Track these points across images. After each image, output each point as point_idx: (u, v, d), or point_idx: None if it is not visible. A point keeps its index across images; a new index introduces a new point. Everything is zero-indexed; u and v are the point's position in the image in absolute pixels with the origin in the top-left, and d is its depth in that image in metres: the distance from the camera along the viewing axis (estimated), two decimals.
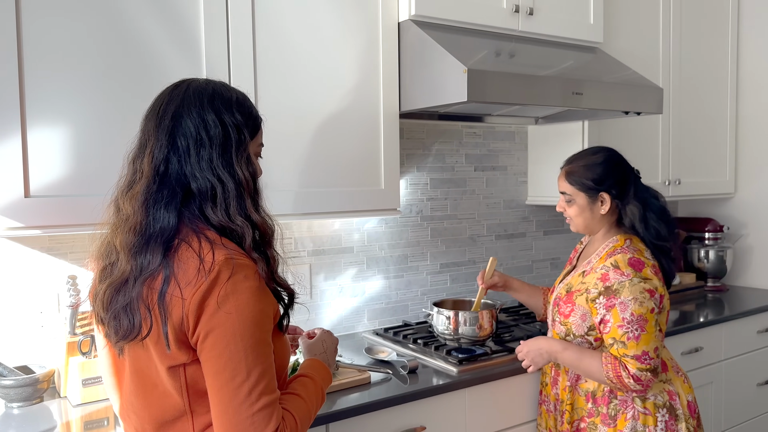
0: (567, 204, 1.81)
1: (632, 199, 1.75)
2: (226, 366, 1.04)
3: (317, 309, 2.28)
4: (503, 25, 2.17)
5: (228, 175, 1.11)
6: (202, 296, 1.04)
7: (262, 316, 1.08)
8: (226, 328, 1.04)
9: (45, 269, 1.79)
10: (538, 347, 1.78)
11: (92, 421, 1.55)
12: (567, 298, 1.77)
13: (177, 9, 1.66)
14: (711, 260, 3.14)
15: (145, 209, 1.09)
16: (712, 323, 2.57)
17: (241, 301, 1.05)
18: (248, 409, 1.03)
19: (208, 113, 1.12)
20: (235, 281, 1.05)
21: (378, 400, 1.68)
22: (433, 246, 2.55)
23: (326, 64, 1.90)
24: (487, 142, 2.68)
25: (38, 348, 1.79)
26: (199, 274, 1.05)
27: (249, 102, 1.21)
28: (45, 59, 1.49)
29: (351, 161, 1.96)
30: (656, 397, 1.70)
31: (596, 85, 2.12)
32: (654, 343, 1.63)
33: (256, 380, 1.05)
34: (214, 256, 1.06)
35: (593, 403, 1.73)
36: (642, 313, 1.62)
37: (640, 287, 1.63)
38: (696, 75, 2.99)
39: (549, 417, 1.85)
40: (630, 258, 1.68)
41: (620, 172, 1.76)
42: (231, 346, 1.04)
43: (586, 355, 1.69)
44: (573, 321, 1.74)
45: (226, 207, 1.11)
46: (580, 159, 1.81)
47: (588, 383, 1.74)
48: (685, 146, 2.95)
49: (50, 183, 1.51)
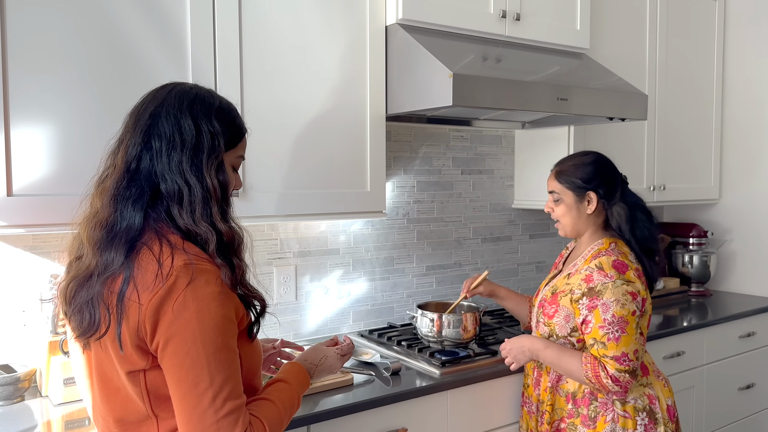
0: (555, 204, 1.83)
1: (619, 201, 1.78)
2: (188, 373, 1.03)
3: (302, 310, 2.29)
4: (490, 30, 2.18)
5: (196, 179, 1.11)
6: (159, 302, 1.04)
7: (224, 322, 1.07)
8: (186, 335, 1.03)
9: (28, 268, 1.79)
10: (520, 345, 1.81)
11: (73, 421, 1.55)
12: (552, 299, 1.80)
13: (164, 10, 1.66)
14: (695, 265, 3.17)
15: (114, 204, 1.10)
16: (694, 328, 2.60)
17: (201, 307, 1.04)
18: (213, 416, 1.03)
19: (185, 117, 1.12)
20: (194, 287, 1.05)
21: (360, 401, 1.68)
22: (419, 248, 2.56)
23: (313, 66, 1.91)
24: (474, 146, 2.70)
25: (20, 347, 1.78)
26: (157, 279, 1.05)
27: (233, 113, 1.21)
28: (29, 58, 1.49)
29: (337, 163, 1.97)
30: (636, 401, 1.72)
31: (582, 91, 2.14)
32: (634, 345, 1.65)
33: (219, 386, 1.04)
34: (173, 262, 1.06)
35: (573, 404, 1.74)
36: (623, 315, 1.64)
37: (623, 289, 1.65)
38: (681, 81, 3.02)
39: (530, 418, 1.86)
40: (614, 260, 1.70)
41: (608, 174, 1.80)
42: (192, 353, 1.03)
43: (566, 354, 1.71)
44: (557, 322, 1.76)
45: (191, 211, 1.11)
46: (570, 159, 1.85)
47: (569, 384, 1.76)
48: (670, 152, 2.98)
49: (34, 182, 1.51)
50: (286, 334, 2.24)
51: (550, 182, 1.85)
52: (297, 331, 2.27)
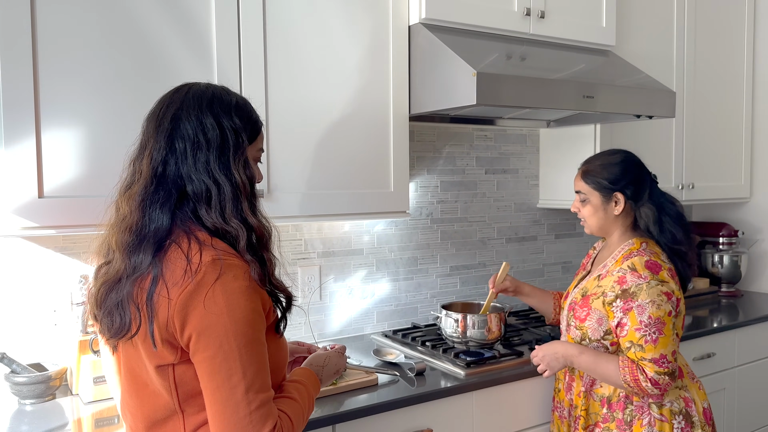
0: (581, 204, 1.80)
1: (647, 202, 1.75)
2: (221, 366, 1.05)
3: (327, 310, 2.29)
4: (514, 28, 2.17)
5: (225, 177, 1.12)
6: (188, 297, 1.05)
7: (254, 315, 1.08)
8: (217, 328, 1.05)
9: (58, 268, 1.82)
10: (553, 351, 1.77)
11: (103, 419, 1.58)
12: (583, 302, 1.76)
13: (189, 12, 1.68)
14: (725, 265, 3.10)
15: (142, 209, 1.11)
16: (725, 329, 2.54)
17: (231, 301, 1.06)
18: (246, 408, 1.04)
19: (206, 117, 1.13)
20: (223, 282, 1.06)
21: (385, 401, 1.68)
22: (443, 249, 2.55)
23: (336, 67, 1.91)
24: (498, 145, 2.68)
25: (51, 346, 1.82)
26: (186, 275, 1.06)
27: (249, 106, 1.22)
28: (59, 61, 1.52)
29: (360, 164, 1.97)
30: (672, 404, 1.69)
31: (608, 88, 2.11)
32: (671, 346, 1.62)
33: (252, 379, 1.05)
34: (201, 258, 1.07)
35: (608, 408, 1.71)
36: (660, 316, 1.61)
37: (658, 290, 1.62)
38: (710, 78, 2.96)
39: (562, 423, 1.84)
40: (647, 261, 1.67)
41: (636, 174, 1.76)
42: (225, 346, 1.04)
43: (602, 359, 1.68)
44: (589, 325, 1.72)
45: (221, 209, 1.12)
46: (597, 159, 1.81)
47: (603, 388, 1.73)
48: (698, 150, 2.92)
49: (63, 184, 1.53)
50: (310, 335, 2.25)
51: (576, 182, 1.82)
52: (321, 331, 2.28)
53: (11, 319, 1.77)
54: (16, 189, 1.47)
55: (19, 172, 1.47)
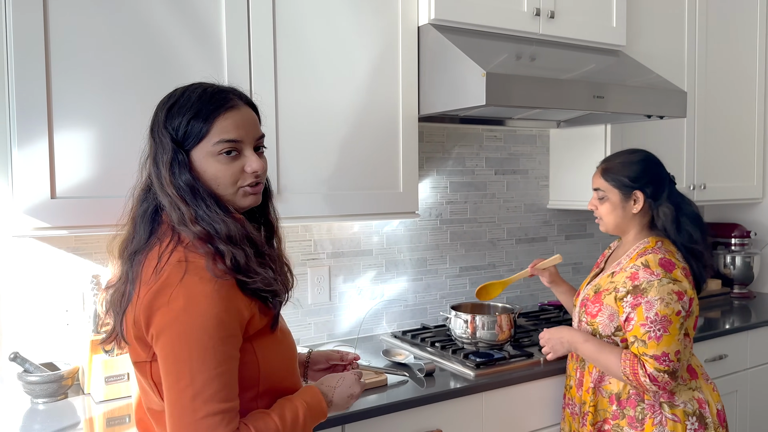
0: (599, 201, 1.81)
1: (665, 202, 1.75)
2: (171, 369, 1.04)
3: (336, 311, 2.30)
4: (524, 28, 2.16)
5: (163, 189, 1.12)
6: (152, 297, 1.06)
7: (213, 322, 1.04)
8: (172, 330, 1.04)
9: (70, 268, 1.84)
10: (559, 336, 1.80)
11: (114, 418, 1.59)
12: (595, 298, 1.77)
13: (199, 14, 1.69)
14: (737, 266, 3.08)
15: (134, 220, 1.17)
16: (737, 330, 2.52)
17: (191, 304, 1.04)
18: (191, 415, 1.02)
19: (156, 127, 1.16)
20: (187, 284, 1.06)
21: (395, 402, 1.68)
22: (452, 249, 2.55)
23: (346, 67, 1.92)
24: (508, 146, 2.67)
25: (63, 345, 1.83)
26: (154, 274, 1.08)
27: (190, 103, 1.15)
28: (71, 63, 1.53)
29: (370, 164, 1.98)
30: (686, 405, 1.68)
31: (619, 88, 2.10)
32: (675, 345, 1.61)
33: (201, 386, 1.03)
34: (169, 258, 1.09)
35: (618, 405, 1.71)
36: (667, 314, 1.60)
37: (669, 288, 1.62)
38: (722, 77, 2.94)
39: (573, 420, 1.83)
40: (661, 258, 1.68)
41: (656, 173, 1.77)
42: (176, 349, 1.04)
43: (606, 349, 1.69)
44: (600, 321, 1.73)
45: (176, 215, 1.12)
46: (617, 157, 1.82)
47: (612, 385, 1.72)
48: (710, 150, 2.90)
49: (76, 185, 1.55)
50: (320, 335, 2.26)
51: (595, 179, 1.82)
52: (331, 331, 2.29)
53: (24, 319, 1.78)
54: (29, 190, 1.49)
55: (32, 173, 1.49)
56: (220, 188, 1.16)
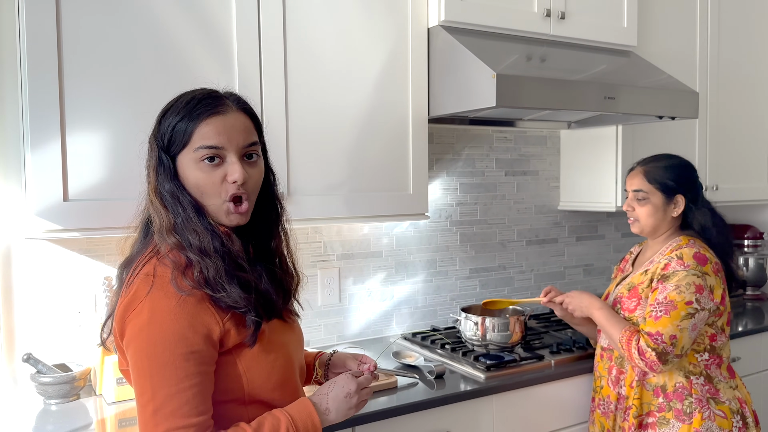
0: (638, 202, 1.83)
1: (701, 206, 1.81)
2: (136, 383, 1.06)
3: (346, 312, 2.30)
4: (534, 29, 2.15)
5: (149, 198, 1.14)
6: (123, 310, 1.08)
7: (176, 338, 1.03)
8: (137, 344, 1.05)
9: (83, 270, 1.85)
10: (580, 300, 1.86)
11: (126, 419, 1.59)
12: (631, 293, 1.80)
13: (210, 18, 1.69)
14: (750, 268, 3.05)
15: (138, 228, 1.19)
16: (750, 333, 2.50)
17: (154, 319, 1.03)
18: (152, 429, 1.03)
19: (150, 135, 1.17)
20: (152, 298, 1.05)
21: (405, 404, 1.68)
22: (462, 251, 2.55)
23: (356, 70, 1.92)
24: (518, 147, 2.67)
25: (76, 347, 1.84)
26: (125, 287, 1.10)
27: (177, 108, 1.13)
28: (83, 66, 1.54)
29: (380, 166, 1.98)
30: (730, 403, 1.72)
31: (630, 89, 2.09)
32: (672, 329, 1.63)
33: (162, 402, 1.02)
34: (140, 270, 1.10)
35: (664, 398, 1.73)
36: (674, 300, 1.65)
37: (691, 279, 1.66)
38: (734, 78, 2.91)
39: (608, 418, 1.82)
40: (696, 252, 1.71)
41: (695, 178, 1.83)
42: (139, 363, 1.04)
43: (615, 318, 1.76)
44: (639, 314, 1.75)
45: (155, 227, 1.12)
46: (658, 160, 1.85)
47: (656, 378, 1.74)
48: (722, 151, 2.87)
49: (88, 187, 1.56)
50: (330, 336, 2.26)
51: (635, 181, 1.84)
52: (341, 333, 2.29)
53: (37, 321, 1.80)
54: (42, 192, 1.50)
55: (45, 176, 1.50)
56: (205, 197, 1.12)
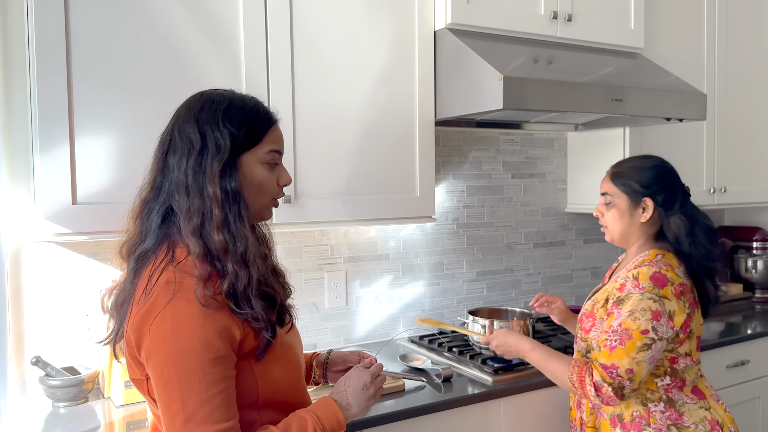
0: (605, 207, 1.71)
1: (678, 212, 1.63)
2: (162, 393, 1.03)
3: (353, 315, 2.30)
4: (541, 31, 2.15)
5: (197, 189, 1.08)
6: (141, 319, 1.05)
7: (202, 344, 1.02)
8: (160, 354, 1.02)
9: (91, 273, 1.85)
10: (505, 341, 1.73)
11: (134, 422, 1.60)
12: (589, 312, 1.68)
13: (218, 21, 1.70)
14: (759, 270, 3.03)
15: (140, 222, 1.14)
16: (760, 336, 2.48)
17: (178, 327, 1.02)
18: None
19: (192, 127, 1.11)
20: (174, 306, 1.03)
21: (412, 407, 1.68)
22: (469, 254, 2.54)
23: (362, 73, 1.92)
24: (525, 149, 2.66)
25: (84, 350, 1.85)
26: (143, 294, 1.06)
27: (247, 109, 1.15)
28: (92, 70, 1.55)
29: (386, 169, 1.98)
30: (697, 426, 1.57)
31: (637, 91, 2.08)
32: (628, 363, 1.49)
33: (193, 410, 1.01)
34: (158, 278, 1.06)
35: (621, 427, 1.60)
36: (629, 328, 1.51)
37: (647, 304, 1.52)
38: (742, 79, 2.90)
39: None
40: (654, 273, 1.56)
41: (669, 181, 1.66)
42: (165, 373, 1.02)
43: (554, 357, 1.62)
44: (593, 336, 1.64)
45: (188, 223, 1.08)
46: (628, 162, 1.73)
47: (613, 407, 1.61)
48: (731, 152, 2.86)
49: (96, 191, 1.56)
50: (337, 339, 2.26)
51: (603, 183, 1.72)
52: (348, 336, 2.29)
53: (45, 324, 1.80)
54: (51, 196, 1.51)
55: (54, 179, 1.51)
56: (260, 196, 1.16)
